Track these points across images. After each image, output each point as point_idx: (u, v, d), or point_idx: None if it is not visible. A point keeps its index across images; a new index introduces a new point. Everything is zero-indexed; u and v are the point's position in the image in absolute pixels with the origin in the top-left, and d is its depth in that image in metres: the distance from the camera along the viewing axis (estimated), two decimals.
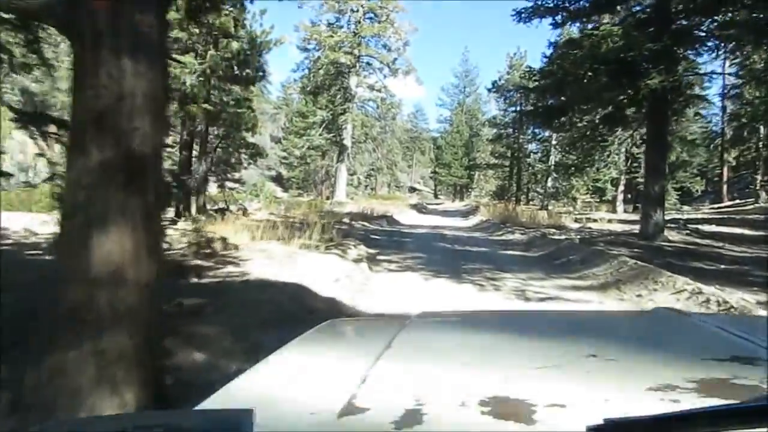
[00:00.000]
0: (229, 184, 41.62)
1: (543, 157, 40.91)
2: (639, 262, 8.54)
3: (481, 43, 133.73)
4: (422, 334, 1.40)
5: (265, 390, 0.97)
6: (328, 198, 37.28)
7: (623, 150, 29.94)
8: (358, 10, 32.99)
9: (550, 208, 37.19)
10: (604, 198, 33.74)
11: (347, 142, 34.46)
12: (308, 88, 35.01)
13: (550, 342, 1.27)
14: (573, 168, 32.47)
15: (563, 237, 15.53)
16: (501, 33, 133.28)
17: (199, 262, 8.66)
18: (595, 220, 22.92)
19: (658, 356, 1.10)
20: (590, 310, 5.94)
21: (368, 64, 34.52)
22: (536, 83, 14.99)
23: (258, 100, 66.22)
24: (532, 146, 44.10)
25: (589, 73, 12.23)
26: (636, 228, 20.29)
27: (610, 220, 23.24)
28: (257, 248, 10.21)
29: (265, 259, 9.13)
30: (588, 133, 32.44)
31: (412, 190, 71.96)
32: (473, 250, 13.35)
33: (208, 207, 20.11)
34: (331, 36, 32.75)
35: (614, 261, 9.12)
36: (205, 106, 18.47)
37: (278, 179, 58.60)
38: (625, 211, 30.47)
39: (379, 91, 34.76)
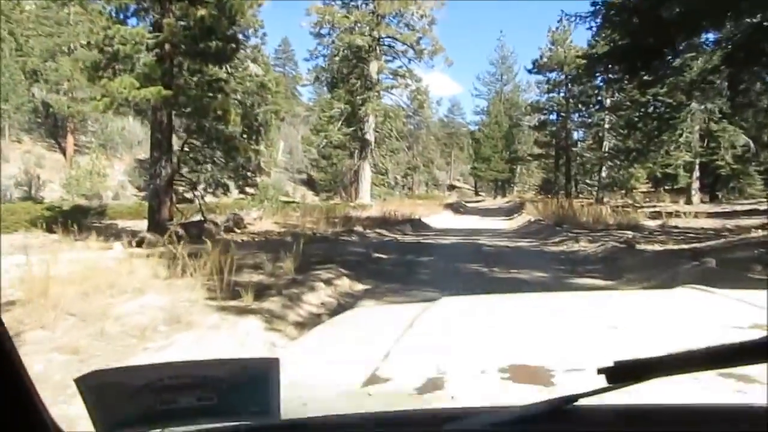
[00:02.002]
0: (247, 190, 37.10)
1: (594, 144, 34.82)
2: None
3: (518, 27, 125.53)
4: (444, 315, 1.37)
5: (297, 365, 0.98)
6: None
7: (696, 128, 23.85)
8: None
9: (606, 200, 31.32)
10: (675, 186, 27.55)
11: (369, 136, 29.16)
12: (324, 78, 29.90)
13: (573, 318, 1.24)
14: (635, 153, 26.56)
15: (659, 247, 9.93)
16: (538, 15, 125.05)
17: None
18: (677, 215, 17.08)
19: (678, 327, 1.08)
20: (614, 289, 5.05)
21: (390, 47, 29.14)
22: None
23: (288, 103, 62.05)
24: (578, 134, 38.10)
25: None
26: (742, 223, 14.50)
27: (696, 214, 17.36)
28: (107, 313, 5.06)
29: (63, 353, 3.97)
30: (651, 110, 26.35)
31: (451, 187, 66.49)
32: (525, 278, 7.89)
33: (176, 221, 15.11)
34: (346, 17, 27.53)
35: None
36: (159, 88, 13.52)
37: (309, 182, 54.13)
38: (703, 201, 24.32)
39: (403, 76, 29.32)
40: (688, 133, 23.25)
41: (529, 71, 36.05)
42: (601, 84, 33.07)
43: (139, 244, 12.20)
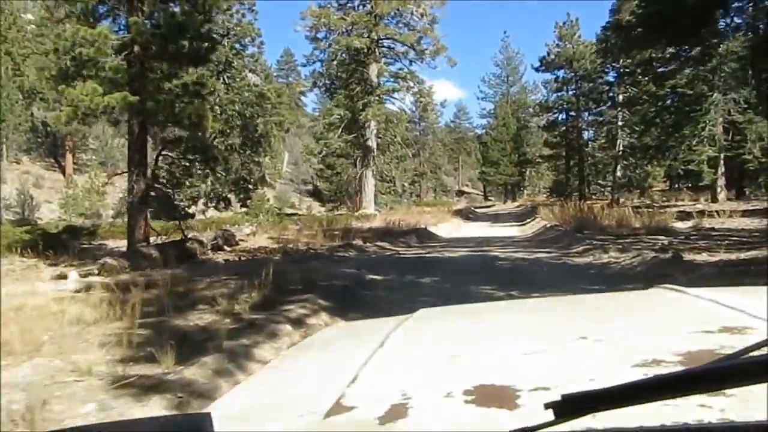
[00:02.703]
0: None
1: (606, 143, 32.85)
2: None
3: (521, 27, 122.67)
4: (417, 330, 1.33)
5: (264, 393, 0.97)
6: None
7: (720, 120, 21.88)
8: None
9: (622, 201, 29.42)
10: (699, 183, 25.52)
11: (371, 143, 27.38)
12: (322, 84, 28.16)
13: (546, 327, 1.22)
14: (653, 150, 24.60)
15: (710, 257, 8.09)
16: (540, 14, 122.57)
17: None
18: (709, 215, 15.16)
19: (649, 333, 1.06)
20: (590, 293, 4.45)
21: (389, 48, 27.37)
22: None
23: (293, 114, 60.46)
24: (589, 133, 36.05)
25: None
26: None
27: (730, 214, 15.42)
28: None
29: None
30: (669, 103, 24.38)
31: (460, 193, 64.64)
32: None
33: (153, 241, 13.40)
34: (343, 18, 25.83)
35: None
36: (124, 94, 11.87)
37: (315, 193, 52.63)
38: (729, 199, 22.30)
39: (404, 79, 27.52)
40: (711, 126, 21.29)
41: (537, 69, 34.23)
42: (613, 80, 31.26)
43: (100, 272, 10.48)
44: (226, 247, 16.26)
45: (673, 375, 0.59)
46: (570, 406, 0.55)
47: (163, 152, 13.21)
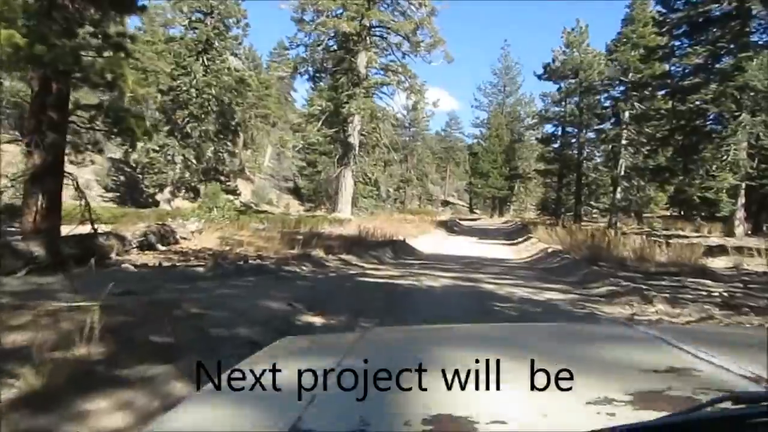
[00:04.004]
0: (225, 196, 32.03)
1: (608, 162, 29.91)
2: None
3: (524, 37, 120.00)
4: (374, 351, 1.27)
5: (213, 412, 0.91)
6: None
7: (744, 144, 18.93)
8: None
9: (618, 226, 26.50)
10: (717, 214, 22.55)
11: (353, 139, 24.14)
12: (304, 71, 24.90)
13: (502, 357, 1.11)
14: (663, 172, 21.61)
15: None
16: (546, 25, 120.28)
17: None
18: (749, 253, 12.15)
19: (600, 369, 1.04)
20: (545, 323, 4.20)
21: (382, 38, 24.21)
22: None
23: (281, 108, 56.56)
24: (586, 150, 33.12)
25: None
26: None
27: None
28: None
29: None
30: (685, 122, 21.45)
31: (446, 203, 61.65)
32: None
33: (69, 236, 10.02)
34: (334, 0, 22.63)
35: None
36: (10, 32, 8.57)
37: (295, 191, 49.36)
38: (748, 234, 19.34)
39: (395, 72, 24.35)
40: (735, 150, 18.33)
41: (539, 77, 31.17)
42: (619, 95, 28.38)
43: None
44: (160, 246, 13.00)
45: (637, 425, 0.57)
46: None
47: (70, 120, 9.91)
